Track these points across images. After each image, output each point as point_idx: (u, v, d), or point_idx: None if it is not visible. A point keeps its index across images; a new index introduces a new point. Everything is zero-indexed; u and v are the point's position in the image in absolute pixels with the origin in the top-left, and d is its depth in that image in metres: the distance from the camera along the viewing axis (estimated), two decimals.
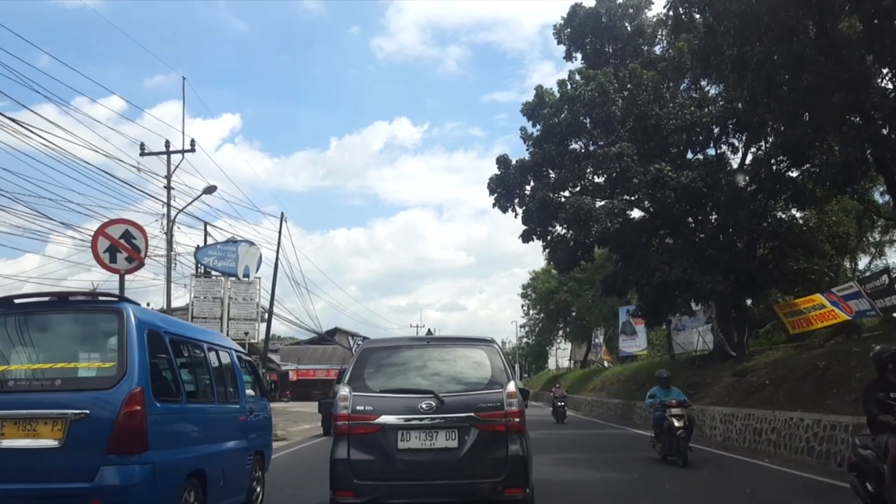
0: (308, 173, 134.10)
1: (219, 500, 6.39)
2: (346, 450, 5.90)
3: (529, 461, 6.05)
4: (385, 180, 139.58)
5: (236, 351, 7.76)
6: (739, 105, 20.13)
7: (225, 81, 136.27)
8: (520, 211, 24.03)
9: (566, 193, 22.78)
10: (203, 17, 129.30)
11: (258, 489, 7.71)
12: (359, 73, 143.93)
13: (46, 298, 5.74)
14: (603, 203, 21.37)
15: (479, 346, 6.49)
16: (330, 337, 65.38)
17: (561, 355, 69.30)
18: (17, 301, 5.73)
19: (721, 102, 21.50)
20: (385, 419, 5.86)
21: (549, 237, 23.83)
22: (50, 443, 4.82)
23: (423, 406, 5.88)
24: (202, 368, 6.63)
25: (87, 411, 4.87)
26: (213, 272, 18.67)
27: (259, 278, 19.15)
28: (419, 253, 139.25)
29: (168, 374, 5.84)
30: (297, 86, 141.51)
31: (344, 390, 6.08)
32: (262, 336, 23.33)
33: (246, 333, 18.40)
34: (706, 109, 21.66)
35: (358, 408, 5.93)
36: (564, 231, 23.07)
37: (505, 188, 23.37)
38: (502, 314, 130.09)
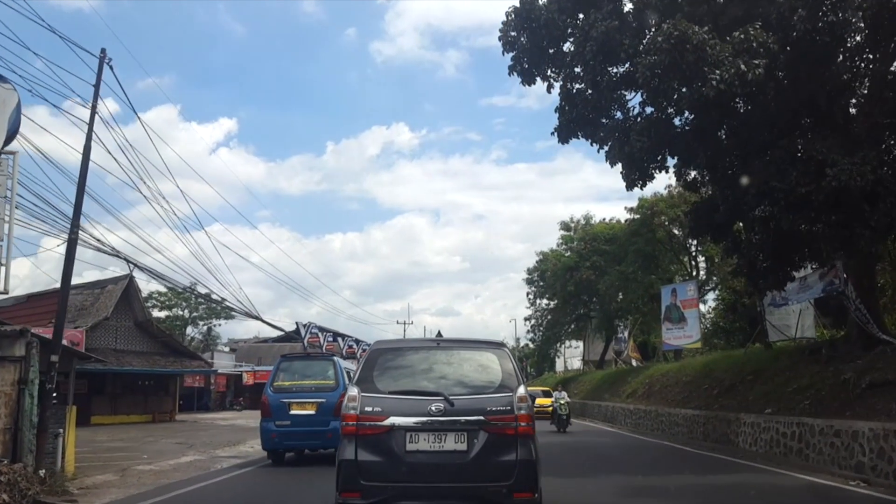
0: (303, 178, 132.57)
1: None
2: (353, 450, 5.81)
3: (539, 465, 5.92)
4: (382, 185, 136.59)
5: None
6: None
7: (222, 84, 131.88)
8: (557, 85, 13.90)
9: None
10: (202, 20, 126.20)
11: None
12: (357, 78, 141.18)
13: (304, 354, 20.41)
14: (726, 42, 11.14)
15: (489, 349, 6.42)
16: (297, 335, 55.22)
17: (570, 355, 59.23)
18: (287, 355, 14.17)
19: None
20: (394, 420, 5.80)
21: (602, 132, 13.68)
22: (311, 412, 12.17)
23: (433, 408, 5.80)
24: None
25: (325, 400, 12.05)
26: None
27: (14, 154, 8.78)
28: (415, 257, 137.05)
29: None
30: (295, 90, 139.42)
31: (353, 391, 6.04)
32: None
33: None
34: None
35: (367, 408, 5.87)
36: (638, 108, 12.91)
37: (530, 37, 13.19)
38: (497, 319, 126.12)
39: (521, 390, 5.95)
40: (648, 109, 13.01)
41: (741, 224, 16.03)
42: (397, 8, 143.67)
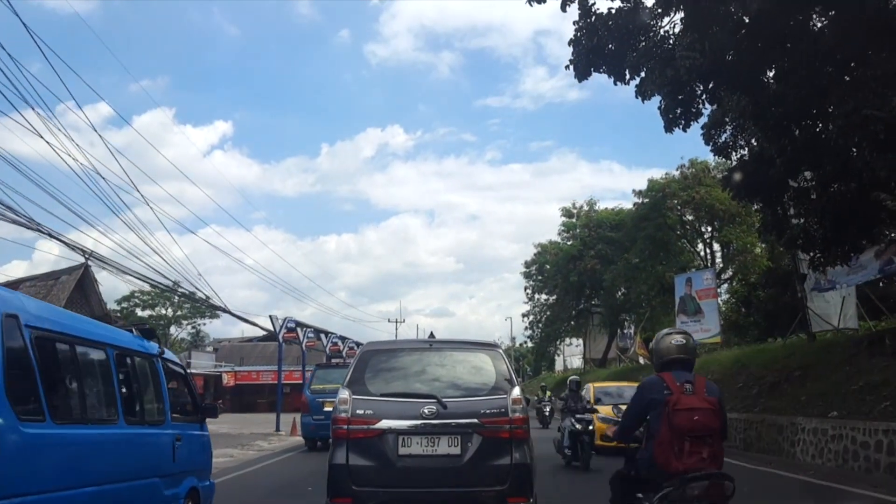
0: (298, 179, 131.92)
1: None
2: (344, 454, 5.69)
3: (533, 469, 5.83)
4: (376, 186, 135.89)
5: None
6: None
7: (217, 87, 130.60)
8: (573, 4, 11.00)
9: None
10: (196, 23, 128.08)
11: None
12: (351, 79, 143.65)
13: (334, 363, 20.35)
14: None
15: (482, 350, 6.28)
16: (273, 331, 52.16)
17: (570, 353, 56.43)
18: (320, 365, 19.85)
19: None
20: (386, 423, 5.68)
21: (631, 60, 10.82)
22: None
23: (425, 411, 5.67)
24: None
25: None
26: None
27: None
28: (409, 258, 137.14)
29: None
30: (290, 92, 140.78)
31: (344, 393, 5.89)
32: None
33: None
34: None
35: (358, 411, 5.76)
36: (680, 25, 10.00)
37: None
38: (491, 319, 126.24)
39: (516, 392, 5.82)
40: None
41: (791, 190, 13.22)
42: (391, 9, 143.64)
